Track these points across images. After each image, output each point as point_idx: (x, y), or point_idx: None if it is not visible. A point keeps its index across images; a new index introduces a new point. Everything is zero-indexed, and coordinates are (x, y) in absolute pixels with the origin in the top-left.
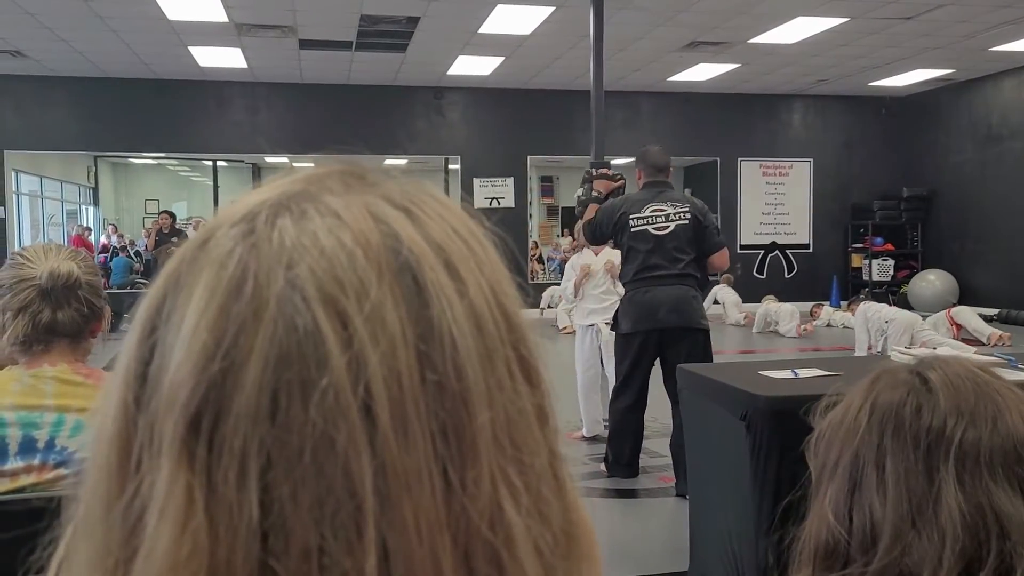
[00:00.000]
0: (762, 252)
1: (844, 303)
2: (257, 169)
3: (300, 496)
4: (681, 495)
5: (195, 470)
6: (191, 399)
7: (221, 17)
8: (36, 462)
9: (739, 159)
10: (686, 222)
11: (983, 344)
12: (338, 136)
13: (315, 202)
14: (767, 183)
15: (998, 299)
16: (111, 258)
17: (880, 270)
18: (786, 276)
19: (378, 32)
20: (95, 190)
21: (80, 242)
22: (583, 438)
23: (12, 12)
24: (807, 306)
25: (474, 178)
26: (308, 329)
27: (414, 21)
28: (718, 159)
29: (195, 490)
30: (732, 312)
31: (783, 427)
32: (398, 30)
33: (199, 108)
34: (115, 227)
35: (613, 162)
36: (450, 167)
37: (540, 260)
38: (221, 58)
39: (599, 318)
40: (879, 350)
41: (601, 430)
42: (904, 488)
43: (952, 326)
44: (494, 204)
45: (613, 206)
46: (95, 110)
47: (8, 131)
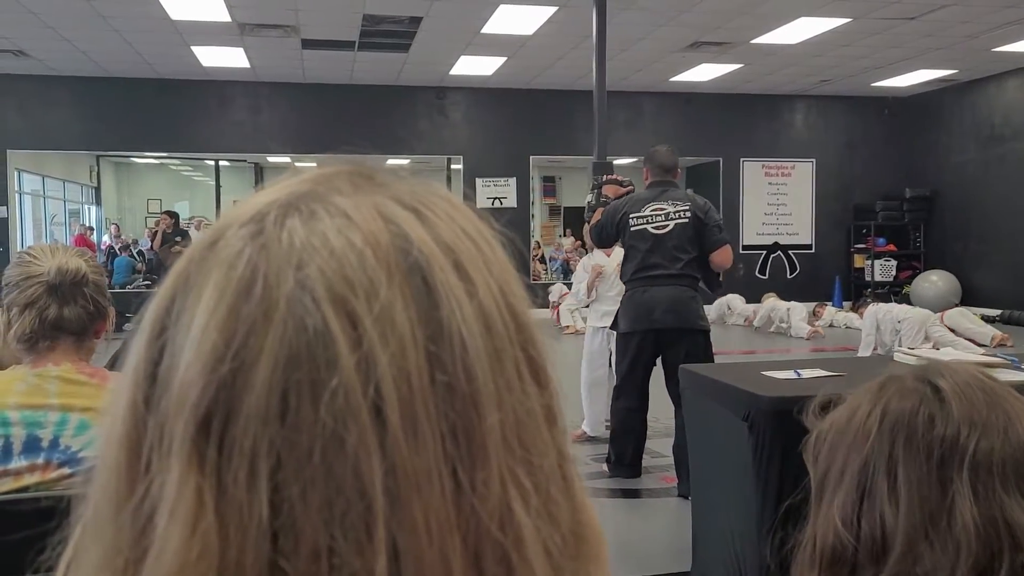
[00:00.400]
0: (764, 252)
1: (847, 304)
2: (259, 169)
3: (310, 496)
4: (683, 496)
5: (205, 471)
6: (201, 399)
7: (224, 17)
8: (40, 461)
9: (741, 159)
10: (686, 220)
11: (985, 346)
12: (340, 136)
13: (324, 202)
14: (769, 183)
15: (1001, 300)
16: (108, 258)
17: (883, 271)
18: (788, 277)
19: (381, 32)
20: (97, 190)
21: (82, 241)
22: (585, 436)
23: (15, 11)
24: (809, 307)
25: (476, 178)
26: (318, 329)
27: (416, 21)
28: (720, 159)
29: (205, 491)
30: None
31: (785, 427)
32: (400, 30)
33: (201, 108)
34: (117, 226)
35: (615, 162)
36: (452, 167)
37: (542, 260)
38: (223, 58)
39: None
40: (893, 350)
41: (603, 431)
42: (917, 498)
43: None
44: (496, 204)
45: (616, 207)
46: (98, 110)
47: (11, 131)
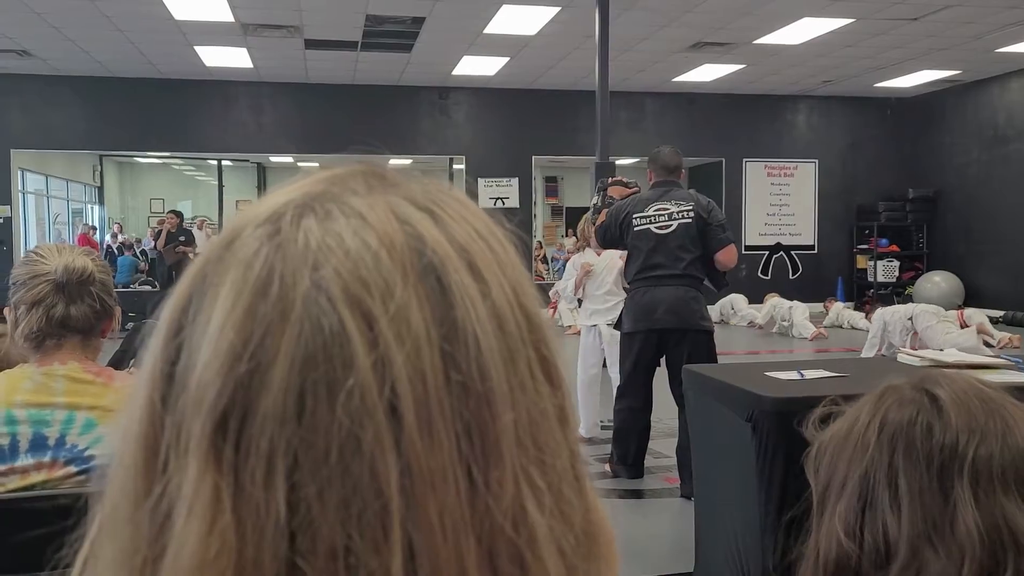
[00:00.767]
0: (767, 253)
1: (851, 303)
2: (262, 169)
3: (327, 496)
4: (686, 496)
5: (222, 470)
6: (218, 399)
7: (227, 17)
8: (46, 459)
9: (744, 160)
10: (689, 220)
11: (992, 347)
12: (343, 136)
13: (339, 203)
14: (772, 184)
15: (1003, 301)
16: (107, 258)
17: (885, 271)
18: (791, 277)
19: (383, 32)
20: (100, 189)
21: (86, 241)
22: (580, 439)
23: (19, 12)
24: (813, 307)
25: (479, 178)
26: (334, 330)
27: (419, 21)
28: (723, 160)
29: (222, 490)
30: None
31: (789, 428)
32: (403, 30)
33: (205, 108)
34: (120, 226)
35: (618, 163)
36: (455, 167)
37: (544, 260)
38: (227, 58)
39: (601, 319)
40: (897, 351)
41: (598, 432)
42: (919, 506)
43: (963, 327)
44: (499, 204)
45: (620, 207)
46: (101, 109)
47: (14, 130)
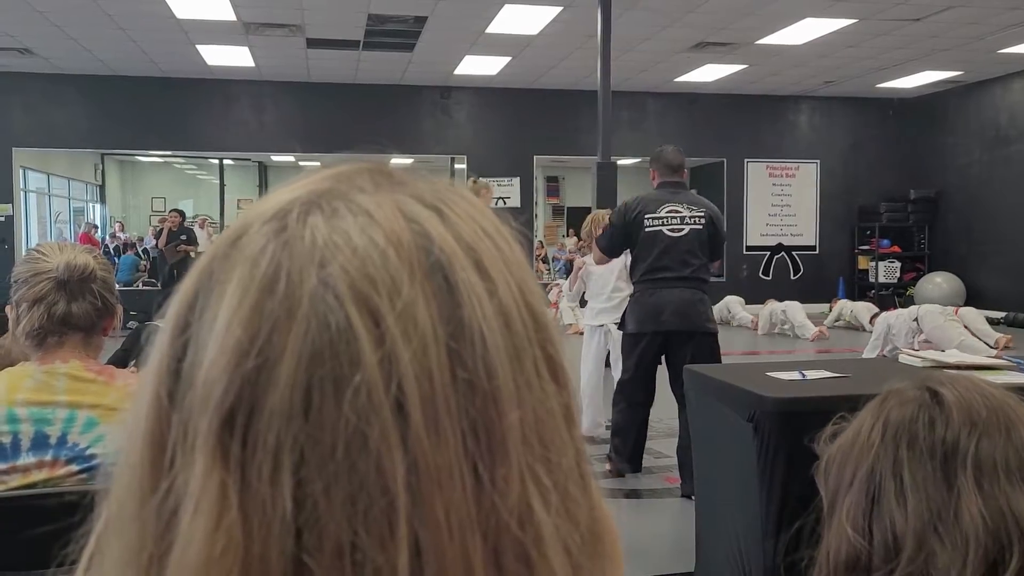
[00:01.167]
0: (768, 253)
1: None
2: (264, 168)
3: (333, 492)
4: (687, 496)
5: (229, 466)
6: (225, 396)
7: (229, 16)
8: (48, 458)
9: (746, 160)
10: (701, 227)
11: (990, 347)
12: (345, 135)
13: (346, 200)
14: (773, 184)
15: (1005, 302)
16: (103, 254)
17: (887, 272)
18: (792, 278)
19: (385, 31)
20: (102, 188)
21: (87, 239)
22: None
23: (21, 10)
24: (812, 308)
25: (480, 178)
26: (341, 327)
27: (421, 21)
28: (724, 160)
29: (229, 486)
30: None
31: (791, 428)
32: (405, 29)
33: (206, 106)
34: (122, 224)
35: (619, 162)
36: (456, 167)
37: (545, 260)
38: (229, 56)
39: (608, 318)
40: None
41: (602, 432)
42: (924, 497)
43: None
44: (500, 204)
45: (627, 206)
46: (103, 108)
47: (16, 128)
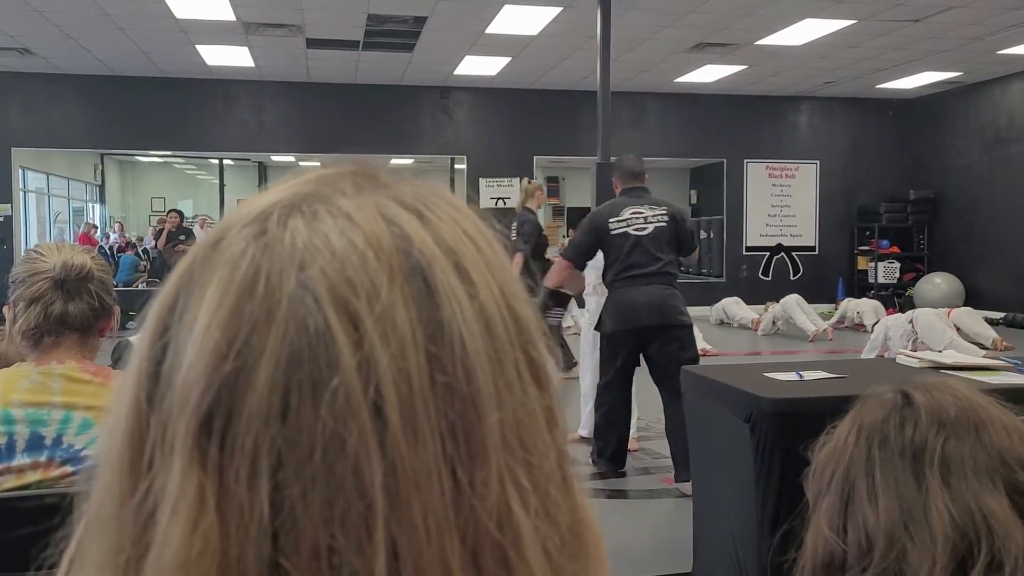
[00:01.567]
0: (768, 254)
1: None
2: (263, 168)
3: (311, 495)
4: (684, 487)
5: (207, 469)
6: (203, 398)
7: (229, 16)
8: (43, 459)
9: (745, 160)
10: (664, 224)
11: (987, 348)
12: (344, 136)
13: (327, 203)
14: (773, 185)
15: (1004, 302)
16: (100, 251)
17: (886, 273)
18: (792, 278)
19: (385, 32)
20: (102, 188)
21: (86, 239)
22: (580, 438)
23: (21, 10)
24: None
25: (480, 178)
26: (319, 330)
27: (421, 21)
28: (724, 160)
29: (207, 489)
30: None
31: (787, 429)
32: (405, 30)
33: (206, 107)
34: (121, 224)
35: None
36: (456, 167)
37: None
38: (228, 57)
39: None
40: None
41: None
42: (895, 496)
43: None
44: (500, 204)
45: (594, 214)
46: (102, 108)
47: (15, 128)
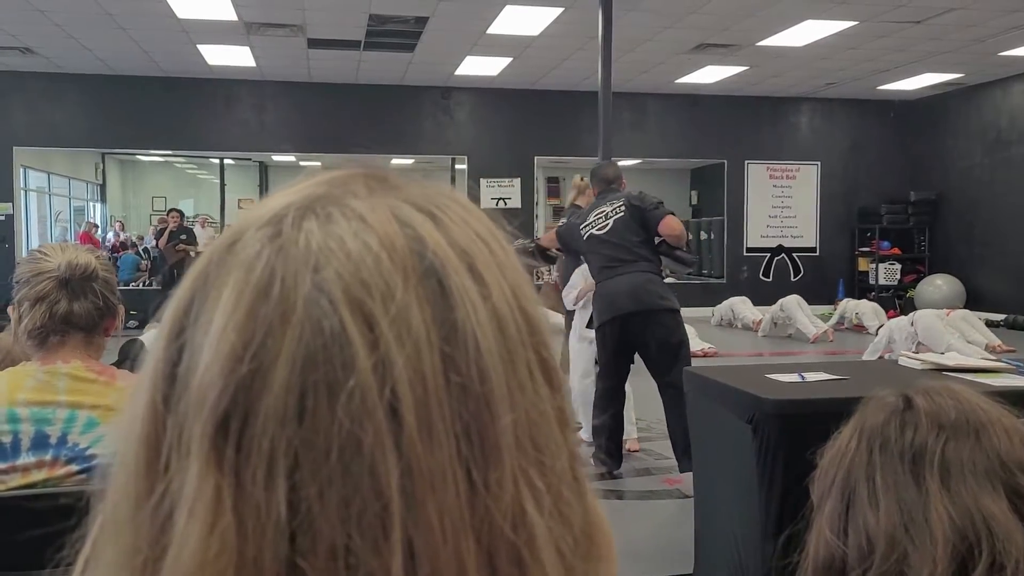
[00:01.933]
0: (768, 255)
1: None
2: (264, 168)
3: (327, 496)
4: (681, 486)
5: (224, 470)
6: (220, 400)
7: (230, 16)
8: (48, 458)
9: (746, 161)
10: (622, 213)
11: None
12: (345, 136)
13: (340, 205)
14: (774, 186)
15: (1005, 304)
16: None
17: (887, 274)
18: (792, 279)
19: (386, 32)
20: (103, 187)
21: (87, 239)
22: (580, 440)
23: (23, 9)
24: (813, 310)
25: (481, 178)
26: (335, 331)
27: (422, 21)
28: (725, 161)
29: (223, 490)
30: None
31: (790, 430)
32: (406, 30)
33: (207, 106)
34: (122, 224)
35: (620, 163)
36: (457, 167)
37: None
38: (230, 56)
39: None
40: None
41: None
42: (895, 498)
43: None
44: (500, 204)
45: (569, 225)
46: (104, 107)
47: (17, 128)
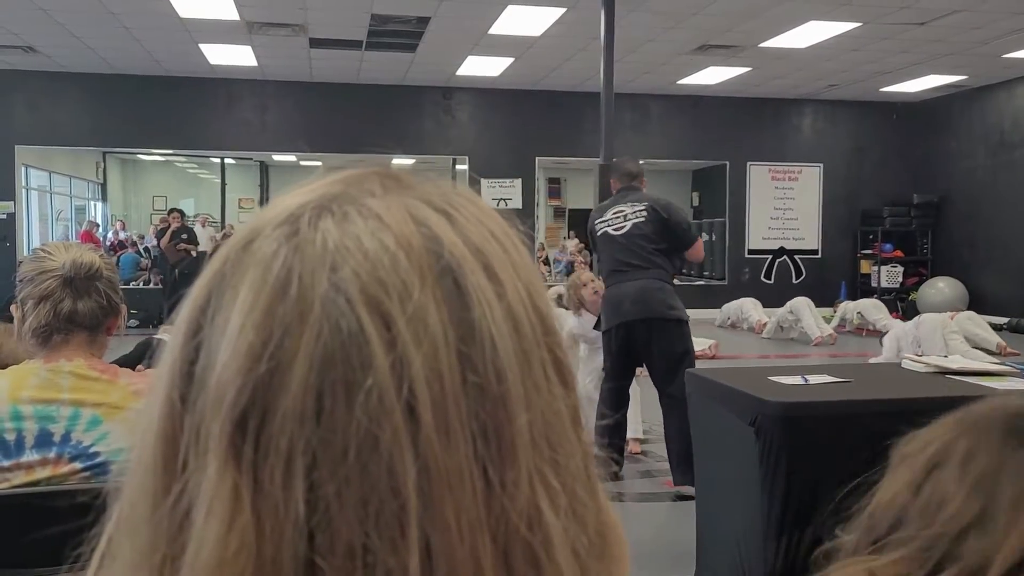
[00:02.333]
0: (770, 257)
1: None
2: (265, 167)
3: (345, 495)
4: (681, 484)
5: (242, 469)
6: (238, 399)
7: (232, 15)
8: (52, 455)
9: (748, 163)
10: (643, 218)
11: (993, 353)
12: (347, 135)
13: (356, 204)
14: (776, 188)
15: (1008, 307)
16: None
17: (889, 277)
18: (794, 282)
19: (388, 32)
20: (104, 186)
21: (88, 237)
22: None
23: (25, 8)
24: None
25: (482, 179)
26: (352, 331)
27: (424, 21)
28: (727, 163)
29: (242, 488)
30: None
31: (793, 433)
32: (408, 30)
33: (208, 106)
34: (123, 223)
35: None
36: (458, 167)
37: (546, 262)
38: (231, 56)
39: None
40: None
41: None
42: (986, 482)
43: None
44: (501, 205)
45: (590, 219)
46: (105, 106)
47: (18, 126)
